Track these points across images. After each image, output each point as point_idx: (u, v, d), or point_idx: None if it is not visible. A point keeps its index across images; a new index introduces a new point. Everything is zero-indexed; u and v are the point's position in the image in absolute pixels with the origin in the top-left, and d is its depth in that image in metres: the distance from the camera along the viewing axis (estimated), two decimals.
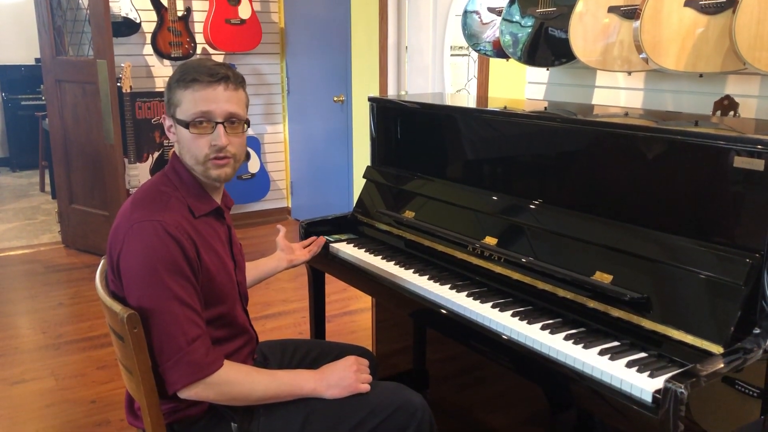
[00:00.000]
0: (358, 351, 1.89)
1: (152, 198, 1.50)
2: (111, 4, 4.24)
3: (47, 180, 6.48)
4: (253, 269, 1.96)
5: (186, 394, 1.44)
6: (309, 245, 2.10)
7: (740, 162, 1.38)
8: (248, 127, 1.60)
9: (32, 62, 7.21)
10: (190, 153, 1.52)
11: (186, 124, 1.50)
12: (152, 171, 4.77)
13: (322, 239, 2.14)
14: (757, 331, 1.34)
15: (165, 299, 1.40)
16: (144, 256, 1.41)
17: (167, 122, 1.56)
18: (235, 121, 1.53)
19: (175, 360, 1.41)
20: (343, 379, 1.56)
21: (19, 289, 4.04)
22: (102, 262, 1.61)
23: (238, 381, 1.47)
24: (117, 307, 1.41)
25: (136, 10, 4.55)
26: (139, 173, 4.59)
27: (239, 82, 1.54)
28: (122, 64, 4.42)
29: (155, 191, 1.53)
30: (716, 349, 1.33)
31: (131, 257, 1.43)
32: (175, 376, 1.42)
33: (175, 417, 1.51)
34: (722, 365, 1.27)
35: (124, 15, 4.51)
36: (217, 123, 1.50)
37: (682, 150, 1.50)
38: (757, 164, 1.36)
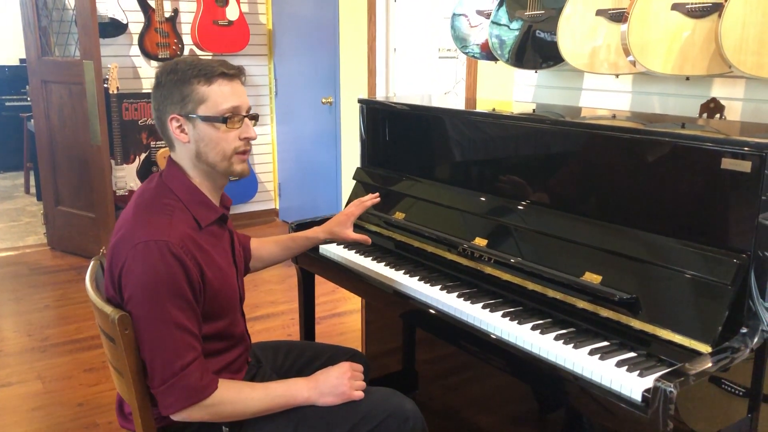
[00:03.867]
0: (350, 353, 1.90)
1: (157, 212, 1.46)
2: (98, 5, 4.21)
3: (32, 182, 6.42)
4: (291, 246, 1.96)
5: (179, 416, 1.43)
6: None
7: (727, 164, 1.40)
8: (256, 121, 1.60)
9: (17, 63, 7.15)
10: (218, 149, 1.49)
11: (222, 119, 1.47)
12: (139, 172, 4.74)
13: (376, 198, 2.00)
14: (744, 330, 1.36)
15: (164, 324, 1.39)
16: (146, 278, 1.38)
17: (175, 123, 1.48)
18: (251, 114, 1.56)
19: (169, 384, 1.40)
20: (336, 387, 1.54)
21: (3, 292, 4.00)
22: (92, 263, 1.60)
23: (231, 401, 1.46)
24: (108, 308, 1.40)
25: (123, 10, 4.53)
26: (125, 175, 4.57)
27: None
28: (109, 65, 4.39)
29: (159, 205, 1.47)
30: (704, 348, 1.35)
31: (134, 278, 1.39)
32: (169, 400, 1.41)
33: (166, 421, 1.50)
34: (710, 364, 1.28)
35: (111, 15, 4.48)
36: (243, 116, 1.51)
37: (669, 152, 1.52)
38: (744, 166, 1.37)
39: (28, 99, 4.92)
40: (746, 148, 1.37)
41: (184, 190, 1.51)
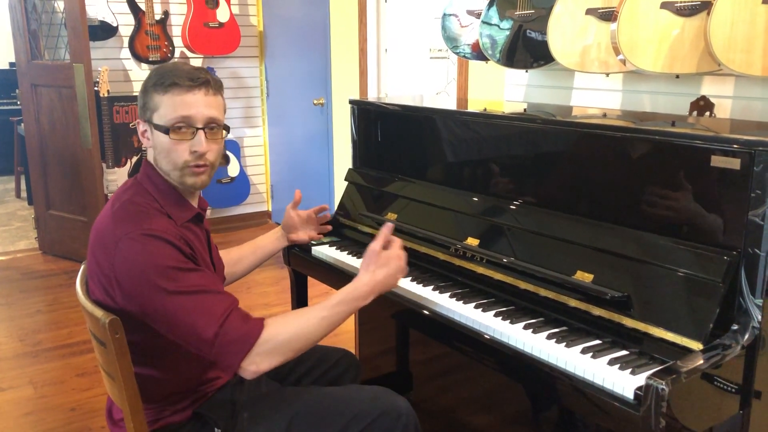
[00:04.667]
0: (341, 354, 1.90)
1: (132, 211, 1.46)
2: (87, 8, 4.20)
3: (23, 186, 6.39)
4: (251, 254, 1.95)
5: (249, 372, 1.39)
6: (318, 223, 2.07)
7: (717, 161, 1.41)
8: (227, 133, 1.58)
9: (6, 66, 7.11)
10: (168, 159, 1.49)
11: (165, 130, 1.47)
12: (130, 176, 4.73)
13: (326, 212, 2.08)
14: (735, 327, 1.36)
15: (180, 296, 1.37)
16: (144, 265, 1.37)
17: (141, 127, 1.53)
18: (214, 127, 1.51)
19: (217, 345, 1.36)
20: (394, 285, 1.61)
21: None
22: (82, 267, 1.59)
23: (289, 338, 1.41)
24: (98, 312, 1.40)
25: (113, 13, 4.51)
26: (117, 178, 4.55)
27: (218, 87, 1.53)
28: (99, 68, 4.37)
29: (132, 204, 1.48)
30: (696, 345, 1.35)
31: (131, 271, 1.38)
32: (227, 361, 1.37)
33: (158, 425, 1.50)
34: (702, 361, 1.29)
35: (101, 18, 4.47)
36: (197, 129, 1.48)
37: (660, 150, 1.52)
38: (734, 163, 1.38)
39: (18, 103, 4.90)
40: (735, 146, 1.37)
41: (158, 189, 1.52)
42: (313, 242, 2.23)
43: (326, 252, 2.16)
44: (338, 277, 2.10)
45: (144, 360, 1.45)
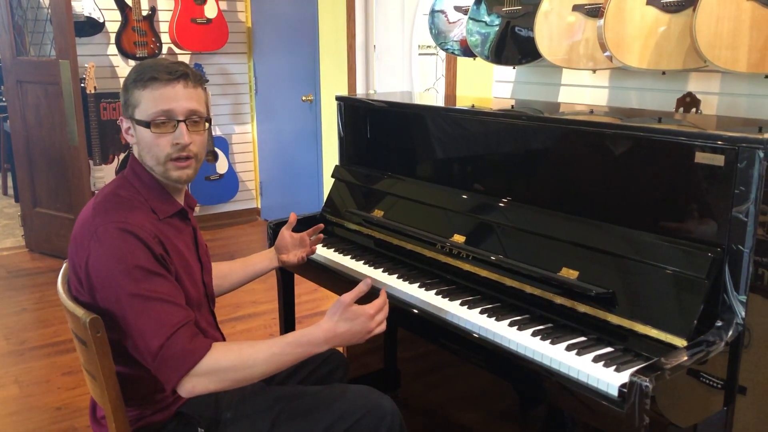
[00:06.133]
0: (328, 352, 1.88)
1: (113, 202, 1.46)
2: (73, 3, 4.16)
3: (10, 183, 6.34)
4: (240, 270, 1.93)
5: (185, 390, 1.36)
6: (310, 242, 1.99)
7: (701, 158, 1.41)
8: (209, 125, 1.57)
9: None
10: (151, 154, 1.49)
11: (147, 124, 1.47)
12: (118, 173, 4.69)
13: (320, 236, 2.02)
14: (719, 323, 1.37)
15: (139, 299, 1.36)
16: (112, 259, 1.37)
17: (125, 124, 1.52)
18: (196, 119, 1.50)
19: (159, 357, 1.35)
20: (360, 335, 1.47)
21: None
22: (64, 265, 1.57)
23: (232, 366, 1.37)
24: (79, 311, 1.38)
25: (100, 9, 4.47)
26: (104, 175, 4.52)
27: (198, 79, 1.52)
28: (86, 65, 4.34)
29: (115, 196, 1.48)
30: (680, 342, 1.35)
31: (100, 263, 1.38)
32: (166, 374, 1.36)
33: (140, 424, 1.49)
34: (686, 358, 1.29)
35: (87, 14, 4.43)
36: (178, 121, 1.47)
37: (645, 146, 1.52)
38: (718, 159, 1.38)
39: (4, 99, 4.85)
40: (720, 142, 1.37)
41: (143, 183, 1.52)
42: None
43: None
44: (325, 274, 2.09)
45: (126, 359, 1.43)
